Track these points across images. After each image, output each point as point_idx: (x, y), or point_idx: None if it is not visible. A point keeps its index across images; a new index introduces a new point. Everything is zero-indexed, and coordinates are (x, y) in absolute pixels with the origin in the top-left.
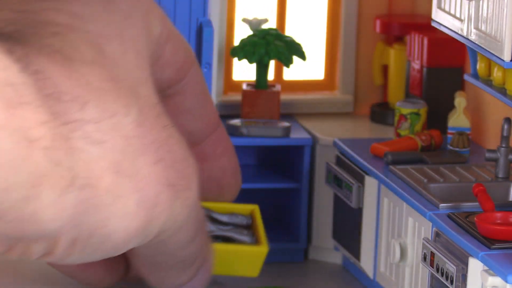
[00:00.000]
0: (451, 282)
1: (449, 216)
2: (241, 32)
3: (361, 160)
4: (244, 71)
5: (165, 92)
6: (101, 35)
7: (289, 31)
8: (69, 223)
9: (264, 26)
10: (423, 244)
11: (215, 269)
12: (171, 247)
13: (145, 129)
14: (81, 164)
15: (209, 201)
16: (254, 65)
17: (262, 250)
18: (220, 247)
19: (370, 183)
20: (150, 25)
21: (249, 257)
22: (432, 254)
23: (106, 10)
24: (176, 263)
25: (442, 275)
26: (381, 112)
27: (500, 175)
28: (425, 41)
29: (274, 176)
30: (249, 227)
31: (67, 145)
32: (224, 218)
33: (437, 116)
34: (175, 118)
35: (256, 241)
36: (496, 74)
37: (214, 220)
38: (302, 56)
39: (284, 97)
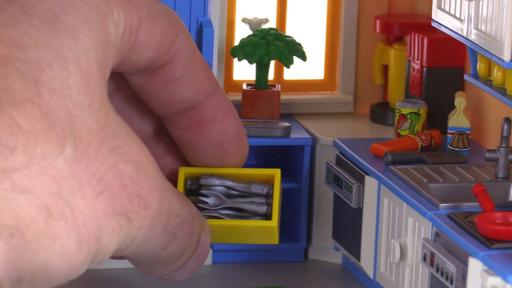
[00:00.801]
0: (451, 282)
1: (449, 216)
2: (241, 32)
3: (361, 160)
4: (244, 71)
5: (151, 67)
6: (41, 63)
7: (289, 31)
8: (7, 268)
9: (264, 26)
10: (423, 244)
11: (230, 240)
12: (145, 254)
13: (82, 165)
14: (8, 213)
15: (222, 167)
16: (254, 65)
17: (270, 225)
18: (226, 223)
19: (370, 183)
20: (108, 27)
21: (259, 232)
22: (432, 254)
23: (50, 31)
24: (159, 261)
25: (442, 275)
26: (381, 112)
27: (500, 175)
28: (425, 41)
29: None
30: (269, 195)
31: None
32: (241, 187)
33: (437, 116)
34: (166, 88)
35: (270, 213)
36: (496, 74)
37: (230, 189)
38: (302, 56)
39: (284, 97)
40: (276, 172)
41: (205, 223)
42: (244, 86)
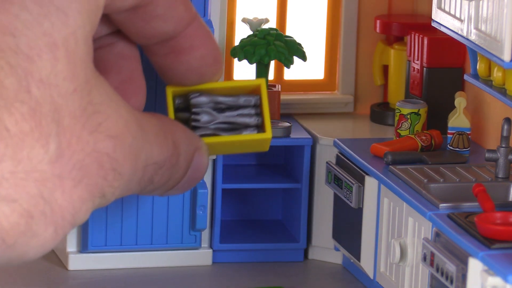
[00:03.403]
0: (451, 282)
1: (449, 216)
2: (241, 32)
3: (361, 160)
4: (244, 71)
5: (132, 8)
6: (31, 53)
7: (289, 31)
8: None
9: (264, 26)
10: (423, 244)
11: (225, 152)
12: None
13: (64, 160)
14: None
15: (210, 84)
16: (254, 65)
17: (266, 137)
18: (223, 139)
19: (370, 183)
20: None
21: (254, 143)
22: (432, 254)
23: (42, 13)
24: (150, 191)
25: (442, 275)
26: (381, 112)
27: (500, 175)
28: (425, 41)
29: (274, 176)
30: (257, 106)
31: None
32: (229, 101)
33: (437, 116)
34: (146, 24)
35: (261, 123)
36: (496, 74)
37: (219, 103)
38: (302, 56)
39: (284, 97)
40: (262, 82)
41: (200, 143)
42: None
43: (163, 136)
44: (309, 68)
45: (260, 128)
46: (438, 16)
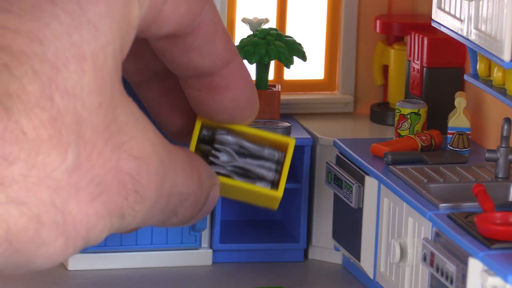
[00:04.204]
0: (451, 282)
1: (449, 216)
2: (241, 32)
3: (361, 160)
4: None
5: (171, 36)
6: (58, 62)
7: (289, 31)
8: None
9: (265, 26)
10: (423, 244)
11: (234, 197)
12: (147, 224)
13: (82, 172)
14: None
15: (241, 125)
16: (254, 65)
17: (275, 195)
18: (235, 183)
19: (370, 183)
20: (131, 12)
21: (263, 197)
22: (432, 254)
23: (73, 25)
24: (172, 224)
25: (442, 275)
26: (381, 112)
27: (500, 175)
28: (425, 41)
29: None
30: (279, 162)
31: None
32: (254, 149)
33: (437, 116)
34: (183, 54)
35: (278, 180)
36: (496, 74)
37: (243, 148)
38: (302, 56)
39: (284, 97)
40: (291, 141)
41: (216, 180)
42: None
43: (189, 169)
44: (309, 68)
45: (274, 185)
46: (438, 16)
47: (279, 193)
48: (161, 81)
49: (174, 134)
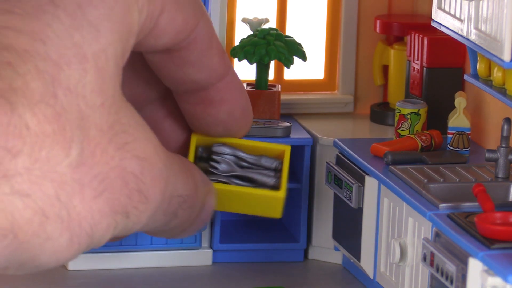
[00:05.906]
0: (451, 282)
1: (449, 216)
2: (241, 32)
3: (361, 160)
4: (244, 71)
5: (167, 50)
6: (60, 61)
7: (289, 31)
8: None
9: (265, 26)
10: (423, 244)
11: (235, 208)
12: (147, 230)
13: (85, 168)
14: (4, 216)
15: (236, 139)
16: (254, 65)
17: (278, 195)
18: (234, 188)
19: (370, 183)
20: (131, 18)
21: (265, 201)
22: (432, 254)
23: (74, 26)
24: (159, 232)
25: (442, 275)
26: (381, 112)
27: (500, 175)
28: (425, 41)
29: None
30: (277, 170)
31: None
32: (251, 159)
33: (437, 116)
34: (179, 69)
35: (278, 184)
36: (496, 74)
37: (240, 160)
38: (302, 56)
39: (284, 97)
40: (286, 148)
41: (211, 188)
42: (244, 86)
43: (186, 174)
44: (309, 68)
45: (276, 189)
46: (438, 16)
47: (281, 193)
48: (161, 103)
49: (175, 151)
